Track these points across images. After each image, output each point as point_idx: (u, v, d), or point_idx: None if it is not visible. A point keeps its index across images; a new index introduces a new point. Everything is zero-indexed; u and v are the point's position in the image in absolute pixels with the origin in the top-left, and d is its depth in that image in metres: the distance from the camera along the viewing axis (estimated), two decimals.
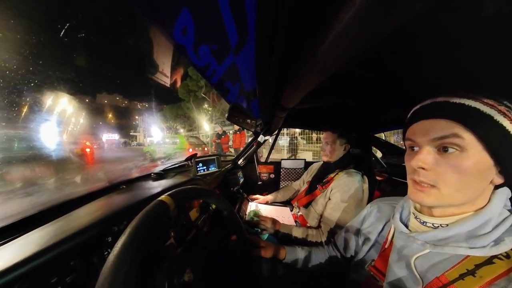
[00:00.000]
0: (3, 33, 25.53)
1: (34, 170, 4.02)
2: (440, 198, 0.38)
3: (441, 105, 0.38)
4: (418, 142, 0.40)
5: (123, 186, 0.83)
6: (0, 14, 28.29)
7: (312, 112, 1.20)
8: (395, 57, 0.45)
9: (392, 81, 0.59)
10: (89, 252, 0.43)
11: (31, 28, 35.82)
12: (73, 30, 42.88)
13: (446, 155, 0.36)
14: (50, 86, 26.41)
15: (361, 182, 1.01)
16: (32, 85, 22.93)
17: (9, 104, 17.19)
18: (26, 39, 31.73)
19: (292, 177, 1.84)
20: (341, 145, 1.09)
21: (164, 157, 7.32)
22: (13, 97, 18.94)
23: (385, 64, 0.49)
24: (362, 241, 0.62)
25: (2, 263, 0.33)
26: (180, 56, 9.18)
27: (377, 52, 0.43)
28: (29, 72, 26.51)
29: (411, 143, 0.42)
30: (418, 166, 0.39)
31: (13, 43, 27.80)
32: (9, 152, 6.02)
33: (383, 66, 0.51)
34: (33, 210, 0.55)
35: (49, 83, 27.55)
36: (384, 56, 0.45)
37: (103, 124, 25.40)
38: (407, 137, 0.43)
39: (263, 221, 0.99)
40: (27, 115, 15.97)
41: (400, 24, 0.24)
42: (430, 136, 0.38)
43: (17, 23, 32.21)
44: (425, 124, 0.39)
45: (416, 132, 0.41)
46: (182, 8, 0.39)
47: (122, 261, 0.27)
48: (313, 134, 7.01)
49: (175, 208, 0.39)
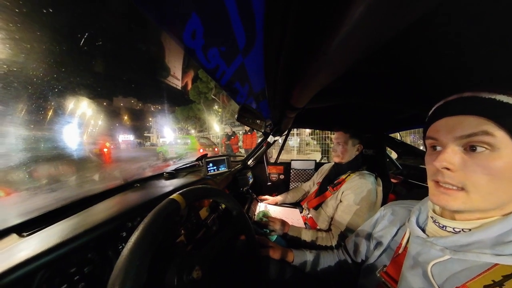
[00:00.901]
0: (31, 45, 28.10)
1: (58, 168, 4.31)
2: (468, 202, 0.34)
3: (469, 100, 0.34)
4: (442, 141, 0.37)
5: (137, 185, 0.87)
6: (30, 28, 31.29)
7: (323, 112, 1.18)
8: (412, 51, 0.42)
9: (409, 77, 0.55)
10: (105, 245, 0.46)
11: (55, 38, 39.24)
12: (91, 39, 46.40)
13: (475, 155, 0.33)
14: (71, 91, 28.65)
15: (375, 184, 0.97)
16: (56, 90, 25.02)
17: (37, 108, 18.82)
18: (51, 49, 34.75)
19: (302, 178, 1.81)
20: (353, 145, 1.06)
21: (176, 157, 7.53)
22: (40, 102, 20.78)
23: (401, 59, 0.46)
24: (374, 246, 0.59)
25: (28, 252, 0.35)
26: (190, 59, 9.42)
27: (392, 47, 0.40)
28: (54, 79, 28.87)
29: (433, 142, 0.39)
30: (443, 167, 0.36)
31: (40, 53, 30.52)
32: (37, 152, 6.52)
33: (398, 61, 0.48)
34: (56, 205, 0.59)
35: (71, 88, 29.91)
36: (400, 51, 0.43)
37: (119, 126, 26.74)
38: (429, 136, 0.40)
39: (272, 222, 0.99)
40: (52, 118, 17.26)
41: (418, 16, 0.23)
42: (456, 133, 0.35)
43: (43, 35, 35.40)
44: (450, 121, 0.36)
45: (439, 130, 0.37)
46: (191, 13, 0.40)
47: (135, 256, 0.28)
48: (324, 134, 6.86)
49: (186, 206, 0.40)
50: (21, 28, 28.24)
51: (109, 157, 6.79)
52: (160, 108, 35.65)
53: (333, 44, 0.30)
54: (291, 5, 0.29)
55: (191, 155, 7.07)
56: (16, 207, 1.02)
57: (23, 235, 0.45)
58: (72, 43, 43.50)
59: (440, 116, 0.38)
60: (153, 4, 0.38)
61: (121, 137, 18.60)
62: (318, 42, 0.32)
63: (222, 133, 13.10)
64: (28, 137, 9.71)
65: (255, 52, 0.56)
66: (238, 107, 1.04)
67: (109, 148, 9.34)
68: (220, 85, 0.86)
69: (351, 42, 0.29)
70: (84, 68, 40.04)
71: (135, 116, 32.29)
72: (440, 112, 0.39)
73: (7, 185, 2.77)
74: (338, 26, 0.26)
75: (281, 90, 0.66)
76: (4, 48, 19.20)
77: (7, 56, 19.72)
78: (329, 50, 0.32)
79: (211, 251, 0.47)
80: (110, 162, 6.27)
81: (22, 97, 20.77)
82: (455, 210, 0.37)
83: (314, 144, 7.80)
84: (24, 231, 0.46)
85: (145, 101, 37.31)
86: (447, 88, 0.39)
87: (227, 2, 0.37)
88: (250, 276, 0.61)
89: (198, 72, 13.74)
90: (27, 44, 27.43)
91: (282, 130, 1.51)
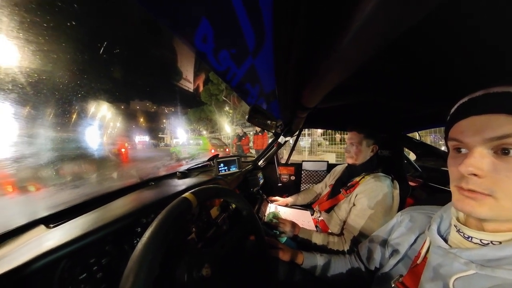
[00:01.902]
0: (57, 55, 30.95)
1: (81, 166, 4.62)
2: (496, 210, 0.31)
3: (498, 96, 0.31)
4: (467, 143, 0.33)
5: (152, 183, 0.91)
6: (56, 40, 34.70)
7: (335, 111, 1.14)
8: (431, 42, 0.39)
9: (428, 72, 0.51)
10: (121, 239, 0.48)
11: (78, 48, 43.14)
12: (109, 47, 50.15)
13: (508, 159, 0.30)
14: (93, 96, 31.09)
15: (391, 187, 0.93)
16: (79, 95, 27.30)
17: (63, 112, 20.62)
18: (74, 58, 38.18)
19: (314, 180, 1.78)
20: (368, 146, 1.01)
21: (189, 157, 7.75)
22: (65, 106, 22.78)
23: (418, 53, 0.43)
24: (389, 253, 0.56)
25: (54, 242, 0.38)
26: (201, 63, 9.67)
27: (408, 40, 0.37)
28: (77, 85, 31.65)
29: (457, 144, 0.35)
30: (469, 173, 0.32)
31: (65, 63, 33.62)
32: (63, 151, 7.05)
33: (415, 55, 0.45)
34: (79, 200, 0.63)
35: (92, 93, 32.53)
36: (417, 43, 0.39)
37: (136, 127, 28.26)
38: (452, 137, 0.36)
39: (282, 223, 0.97)
40: (75, 120, 18.66)
41: (436, 4, 0.21)
42: (484, 135, 0.31)
43: (67, 45, 38.95)
44: (477, 120, 0.32)
45: (464, 131, 0.34)
46: (201, 18, 0.42)
47: (149, 250, 0.29)
48: (337, 135, 6.67)
49: (198, 205, 0.41)
50: (49, 40, 31.51)
51: (126, 157, 7.14)
52: (173, 110, 37.16)
53: (344, 41, 0.29)
54: (300, 3, 0.29)
55: (203, 155, 7.24)
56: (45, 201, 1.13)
57: (50, 226, 0.49)
58: (93, 52, 47.63)
59: (465, 115, 0.34)
60: (165, 11, 0.39)
61: (137, 138, 19.50)
62: (328, 39, 0.32)
63: (233, 134, 13.25)
64: (55, 138, 10.54)
65: (265, 53, 0.56)
66: (249, 108, 1.05)
67: (126, 148, 9.83)
68: (231, 87, 0.87)
69: (363, 38, 0.28)
70: (104, 74, 43.46)
71: (150, 118, 34.01)
72: (464, 110, 0.35)
73: (38, 181, 3.03)
74: (349, 22, 0.25)
75: (292, 90, 0.65)
76: (35, 59, 21.47)
77: (38, 66, 21.96)
78: (340, 48, 0.30)
79: (221, 250, 0.48)
80: (127, 161, 6.60)
81: (50, 102, 22.90)
82: (482, 217, 0.33)
83: (326, 144, 7.62)
84: (51, 223, 0.50)
85: (159, 103, 39.25)
86: (472, 83, 0.36)
87: (236, 4, 0.37)
88: (259, 277, 0.60)
89: (209, 75, 14.07)
90: (54, 55, 30.38)
91: (293, 131, 1.49)
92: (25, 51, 19.49)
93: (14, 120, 11.16)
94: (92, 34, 56.92)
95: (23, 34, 21.75)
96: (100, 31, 60.97)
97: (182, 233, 0.62)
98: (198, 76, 18.55)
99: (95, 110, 18.39)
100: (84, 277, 0.40)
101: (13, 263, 0.33)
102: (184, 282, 0.38)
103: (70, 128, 17.32)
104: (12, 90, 13.92)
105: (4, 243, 0.42)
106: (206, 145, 8.50)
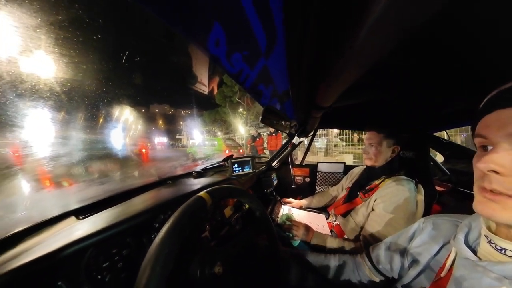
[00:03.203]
0: (86, 66, 34.81)
1: (106, 165, 5.01)
2: None
3: None
4: (491, 139, 0.31)
5: (169, 182, 0.95)
6: (85, 53, 39.31)
7: (352, 110, 1.08)
8: (461, 29, 0.35)
9: (458, 61, 0.46)
10: (141, 233, 0.52)
11: (103, 59, 48.64)
12: (131, 56, 55.57)
13: None
14: (117, 101, 34.56)
15: (414, 192, 0.85)
16: (105, 101, 30.42)
17: (91, 116, 23.08)
18: (100, 68, 42.93)
19: (329, 182, 1.72)
20: (388, 146, 0.95)
21: (204, 157, 7.99)
22: (94, 111, 25.48)
23: (446, 40, 0.39)
24: (409, 263, 0.51)
25: (83, 232, 0.43)
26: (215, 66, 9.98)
27: (433, 27, 0.34)
28: (103, 92, 35.47)
29: (482, 141, 0.32)
30: (489, 169, 0.29)
31: (93, 72, 37.81)
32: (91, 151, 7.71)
33: (442, 43, 0.40)
34: (104, 195, 0.68)
35: (116, 99, 36.27)
36: (444, 31, 0.35)
37: (155, 129, 30.16)
38: (478, 133, 0.33)
39: (295, 226, 0.95)
40: (102, 123, 20.53)
41: None
42: (508, 129, 0.28)
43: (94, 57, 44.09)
44: (503, 114, 0.30)
45: (489, 125, 0.31)
46: (213, 23, 0.43)
47: (165, 245, 0.31)
48: (354, 135, 6.38)
49: (212, 204, 0.42)
50: (79, 53, 35.83)
51: (147, 157, 7.57)
52: (189, 113, 39.01)
53: (360, 36, 0.27)
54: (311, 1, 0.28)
55: (217, 156, 7.41)
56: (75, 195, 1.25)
57: (79, 218, 0.54)
58: (116, 62, 53.21)
59: (491, 109, 0.31)
60: (179, 19, 0.41)
61: (156, 139, 20.58)
62: (342, 35, 0.30)
63: (247, 135, 13.38)
64: (85, 139, 11.60)
65: (277, 53, 0.56)
66: (262, 108, 1.05)
67: (147, 148, 10.42)
68: (244, 88, 0.89)
69: (380, 31, 0.26)
70: (126, 81, 48.24)
71: (168, 121, 36.28)
72: (491, 104, 0.32)
73: (70, 177, 3.35)
74: (364, 15, 0.23)
75: (306, 89, 0.64)
76: (68, 70, 24.51)
77: (70, 76, 24.98)
78: (356, 43, 0.29)
79: (233, 249, 0.48)
80: (148, 161, 6.99)
81: (81, 107, 25.68)
82: (504, 222, 0.30)
83: (343, 145, 7.33)
84: (80, 215, 0.55)
85: (176, 107, 41.72)
86: (507, 72, 0.32)
87: (246, 7, 0.37)
88: (270, 279, 0.60)
89: (223, 77, 14.41)
90: (83, 66, 34.32)
91: (307, 131, 1.46)
92: (59, 64, 22.22)
93: (52, 123, 12.61)
94: (115, 45, 63.55)
95: (57, 49, 25.01)
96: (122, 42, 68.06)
97: (196, 230, 0.64)
98: (213, 79, 19.27)
99: (119, 113, 20.06)
100: (107, 265, 0.43)
101: (48, 249, 0.37)
102: (196, 278, 0.39)
103: (98, 130, 18.98)
104: (50, 98, 15.90)
105: (41, 231, 0.48)
106: (221, 146, 8.70)
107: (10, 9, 12.81)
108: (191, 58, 24.63)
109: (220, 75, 15.92)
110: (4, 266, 0.33)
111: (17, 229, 0.46)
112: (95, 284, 0.41)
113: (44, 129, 10.51)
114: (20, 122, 11.17)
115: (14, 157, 4.76)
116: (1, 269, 0.32)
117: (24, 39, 14.99)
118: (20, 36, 13.01)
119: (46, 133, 10.21)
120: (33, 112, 13.68)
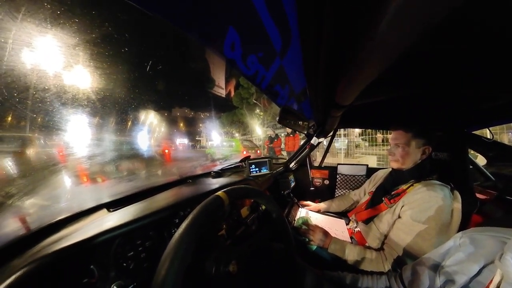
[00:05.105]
0: (116, 76, 39.56)
1: (134, 164, 5.46)
2: None
3: None
4: None
5: (189, 181, 1.00)
6: (114, 64, 44.61)
7: (375, 108, 1.00)
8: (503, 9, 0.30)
9: (502, 47, 0.39)
10: (162, 227, 0.56)
11: (130, 69, 55.51)
12: (154, 65, 62.98)
13: None
14: (142, 106, 38.95)
15: (449, 199, 0.75)
16: (132, 106, 34.62)
17: (121, 120, 26.20)
18: (128, 77, 48.85)
19: (351, 185, 1.63)
20: (417, 147, 0.85)
21: (222, 158, 8.22)
22: (123, 115, 28.87)
23: (489, 20, 0.33)
24: (442, 283, 0.46)
25: (113, 223, 0.47)
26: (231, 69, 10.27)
27: (469, 8, 0.29)
28: (131, 98, 40.20)
29: None
30: None
31: (122, 81, 43.22)
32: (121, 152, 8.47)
33: (481, 25, 0.34)
34: (131, 191, 0.75)
35: (142, 104, 41.06)
36: (483, 10, 0.30)
37: (176, 131, 32.37)
38: None
39: (312, 230, 0.91)
40: (130, 127, 22.73)
41: None
42: None
43: (123, 68, 50.68)
44: None
45: None
46: (228, 27, 0.44)
47: (183, 240, 0.32)
48: (378, 134, 5.96)
49: (229, 203, 0.43)
50: (110, 65, 41.31)
51: (169, 157, 8.05)
52: (208, 115, 41.28)
53: (381, 26, 0.24)
54: None
55: (235, 157, 7.54)
56: (107, 190, 1.40)
57: (110, 210, 0.60)
58: (141, 70, 59.81)
59: None
60: (196, 27, 0.43)
61: (178, 140, 21.80)
62: (362, 26, 0.27)
63: (264, 136, 13.42)
64: (116, 141, 12.85)
65: (293, 52, 0.56)
66: (279, 109, 1.04)
67: (169, 149, 11.07)
68: (260, 90, 0.89)
69: (403, 19, 0.23)
70: (150, 88, 53.83)
71: (189, 123, 38.88)
72: None
73: (103, 175, 3.73)
74: (384, 4, 0.21)
75: (324, 88, 0.61)
76: (101, 81, 28.45)
77: (103, 85, 28.83)
78: (377, 35, 0.26)
79: (248, 249, 0.49)
80: (170, 161, 7.43)
81: (112, 113, 28.97)
82: None
83: (366, 146, 6.91)
84: (111, 208, 0.61)
85: (196, 110, 44.74)
86: None
87: (259, 7, 0.37)
88: (284, 283, 0.59)
89: (240, 80, 14.72)
90: (113, 76, 39.35)
91: (326, 131, 1.41)
92: (94, 75, 25.78)
93: (89, 127, 14.33)
94: (140, 56, 72.13)
95: (93, 63, 29.18)
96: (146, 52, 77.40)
97: (213, 228, 0.66)
98: (229, 81, 19.98)
99: (145, 117, 22.01)
100: (132, 254, 0.48)
101: (85, 235, 0.42)
102: (211, 274, 0.40)
103: (127, 132, 20.94)
104: (87, 105, 18.40)
105: (79, 219, 0.55)
106: (238, 147, 8.85)
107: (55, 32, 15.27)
108: (208, 63, 26.42)
109: (237, 78, 16.37)
110: (50, 247, 0.39)
111: (60, 216, 0.53)
112: (121, 270, 0.45)
113: (82, 132, 11.97)
114: (64, 126, 13.04)
115: (59, 156, 5.44)
116: (48, 250, 0.38)
117: (66, 56, 17.74)
118: (63, 54, 15.48)
119: (84, 136, 11.61)
120: (73, 117, 15.76)
